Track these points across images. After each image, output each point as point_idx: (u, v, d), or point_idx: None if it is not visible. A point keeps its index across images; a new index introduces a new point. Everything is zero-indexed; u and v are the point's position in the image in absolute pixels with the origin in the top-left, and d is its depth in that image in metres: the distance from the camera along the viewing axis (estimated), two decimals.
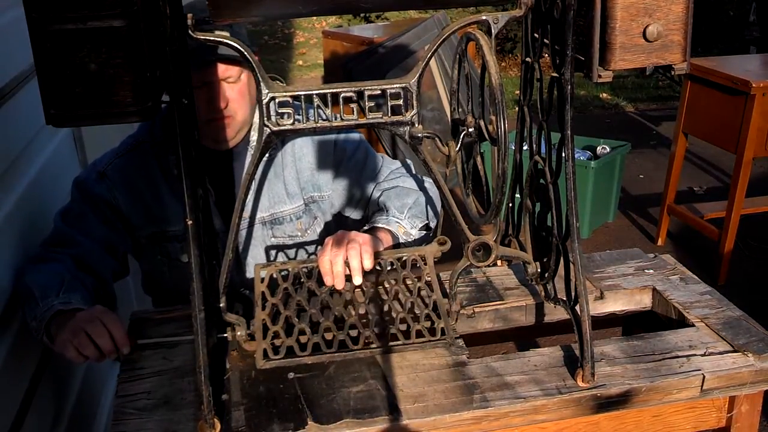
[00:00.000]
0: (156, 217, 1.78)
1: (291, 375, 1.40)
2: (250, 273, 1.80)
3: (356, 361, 1.44)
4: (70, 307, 1.53)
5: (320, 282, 1.54)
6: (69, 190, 1.80)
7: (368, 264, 1.52)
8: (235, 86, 1.67)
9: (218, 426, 1.27)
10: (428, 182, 1.86)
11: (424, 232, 1.78)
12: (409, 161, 1.95)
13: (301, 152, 1.82)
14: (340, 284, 1.52)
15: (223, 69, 1.63)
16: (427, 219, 1.79)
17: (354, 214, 1.90)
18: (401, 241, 1.74)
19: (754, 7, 7.50)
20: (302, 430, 1.27)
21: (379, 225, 1.72)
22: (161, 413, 1.34)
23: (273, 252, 1.84)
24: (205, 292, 1.27)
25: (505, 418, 1.33)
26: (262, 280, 1.53)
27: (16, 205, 1.77)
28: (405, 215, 1.74)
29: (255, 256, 1.83)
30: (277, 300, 1.50)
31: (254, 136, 1.76)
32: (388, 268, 1.59)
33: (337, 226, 1.90)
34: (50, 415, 1.82)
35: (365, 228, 1.73)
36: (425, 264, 1.58)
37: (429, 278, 1.57)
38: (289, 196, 1.82)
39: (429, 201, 1.81)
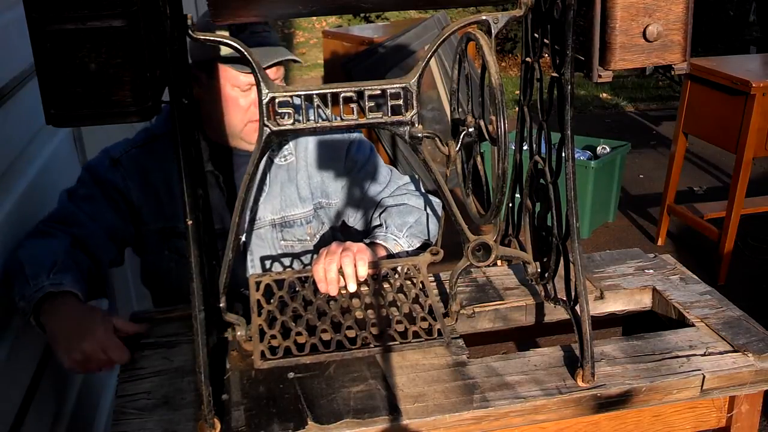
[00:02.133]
0: (167, 213, 1.76)
1: (291, 375, 1.41)
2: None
3: (356, 361, 1.44)
4: (61, 288, 1.48)
5: (315, 291, 1.55)
6: None
7: (362, 271, 1.52)
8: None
9: (218, 426, 1.27)
10: (435, 201, 1.85)
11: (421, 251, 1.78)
12: (417, 176, 1.95)
13: (312, 157, 1.82)
14: (334, 290, 1.52)
15: (275, 69, 1.64)
16: (428, 238, 1.79)
17: (357, 225, 1.90)
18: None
19: (754, 7, 7.51)
20: (302, 430, 1.27)
21: (377, 241, 1.72)
22: (161, 413, 1.34)
23: (281, 254, 1.84)
24: (206, 292, 1.27)
25: (505, 418, 1.33)
26: (257, 289, 1.53)
27: (15, 206, 1.76)
28: (404, 233, 1.74)
29: (262, 258, 1.83)
30: (273, 307, 1.50)
31: None
32: (383, 275, 1.60)
33: (343, 234, 1.91)
34: (50, 415, 1.82)
35: (364, 242, 1.73)
36: (419, 272, 1.59)
37: (423, 285, 1.58)
38: (301, 200, 1.83)
39: (431, 221, 1.81)
